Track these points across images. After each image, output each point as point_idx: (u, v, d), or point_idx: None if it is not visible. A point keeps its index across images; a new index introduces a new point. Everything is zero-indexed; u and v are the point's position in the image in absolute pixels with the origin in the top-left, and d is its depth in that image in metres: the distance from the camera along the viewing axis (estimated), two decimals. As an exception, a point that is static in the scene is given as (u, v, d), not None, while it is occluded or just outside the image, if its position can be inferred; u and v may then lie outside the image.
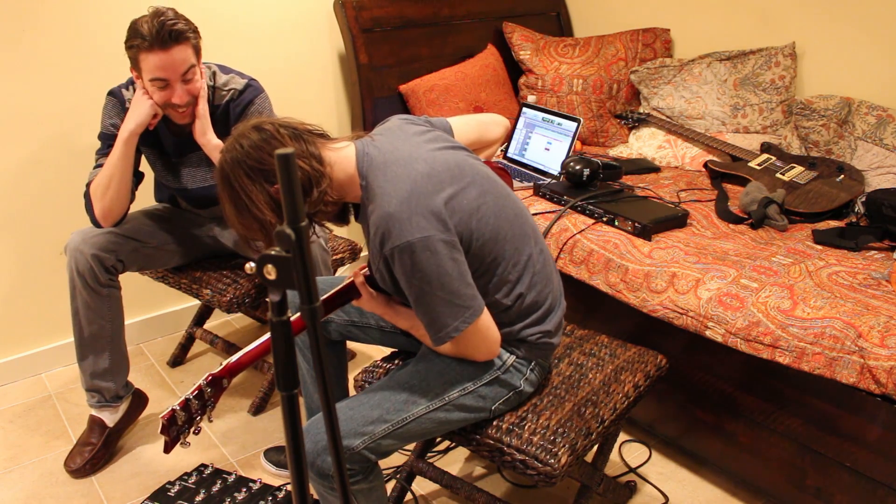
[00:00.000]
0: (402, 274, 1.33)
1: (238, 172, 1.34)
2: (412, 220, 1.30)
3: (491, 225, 1.41)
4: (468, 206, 1.38)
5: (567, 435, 1.46)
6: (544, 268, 1.52)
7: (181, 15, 1.87)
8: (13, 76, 2.28)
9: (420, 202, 1.32)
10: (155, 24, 1.79)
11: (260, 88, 2.06)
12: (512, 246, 1.44)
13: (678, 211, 2.14)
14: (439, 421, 1.46)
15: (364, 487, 1.45)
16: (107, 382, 2.08)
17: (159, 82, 1.85)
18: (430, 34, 2.94)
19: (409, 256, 1.30)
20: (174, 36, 1.81)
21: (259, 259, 0.77)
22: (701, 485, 1.99)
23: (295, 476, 0.86)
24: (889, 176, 2.28)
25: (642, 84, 2.88)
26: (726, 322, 1.76)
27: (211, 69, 2.04)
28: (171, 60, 1.83)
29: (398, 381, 1.48)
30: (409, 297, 1.38)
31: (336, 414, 0.83)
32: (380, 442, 1.42)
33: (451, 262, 1.33)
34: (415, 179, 1.35)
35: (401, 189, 1.33)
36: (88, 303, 2.00)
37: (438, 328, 1.38)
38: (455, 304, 1.35)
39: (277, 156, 0.72)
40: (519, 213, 1.50)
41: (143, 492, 1.99)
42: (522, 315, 1.49)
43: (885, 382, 1.52)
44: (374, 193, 1.36)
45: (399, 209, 1.31)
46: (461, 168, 1.42)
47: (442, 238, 1.32)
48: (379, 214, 1.32)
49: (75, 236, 1.99)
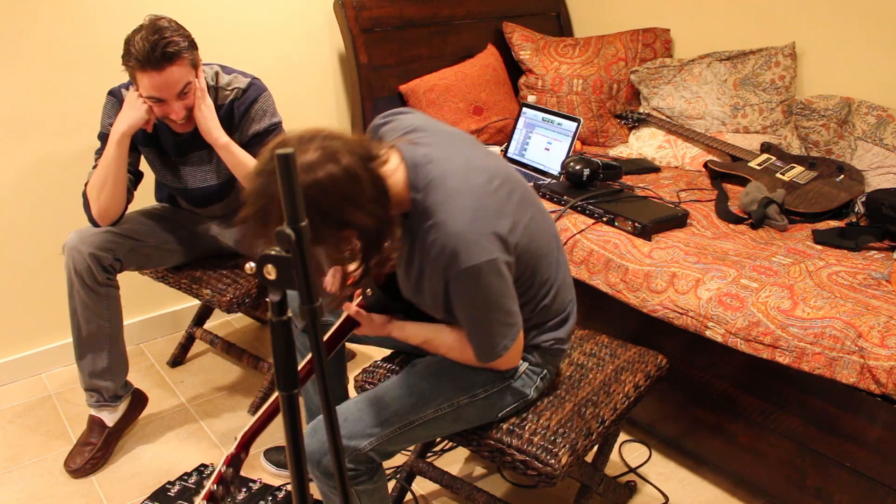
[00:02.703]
0: (464, 295, 1.30)
1: (311, 210, 1.17)
2: (480, 242, 1.26)
3: (537, 241, 1.39)
4: (524, 226, 1.35)
5: (567, 435, 1.46)
6: (566, 277, 1.52)
7: (177, 28, 1.82)
8: (13, 76, 2.28)
9: (487, 223, 1.27)
10: (147, 44, 1.75)
11: (263, 87, 2.05)
12: (546, 260, 1.43)
13: (678, 211, 2.14)
14: (445, 425, 1.46)
15: (368, 488, 1.46)
16: (105, 382, 2.08)
17: (154, 99, 1.85)
18: (430, 34, 2.94)
19: (474, 279, 1.27)
20: (167, 57, 1.77)
21: (259, 259, 0.77)
22: (701, 485, 1.99)
23: (295, 476, 0.85)
24: (889, 176, 2.28)
25: (642, 84, 2.88)
26: (726, 322, 1.76)
27: (213, 69, 2.03)
28: (164, 81, 1.80)
29: (408, 384, 1.47)
30: (462, 316, 1.35)
31: (336, 415, 0.83)
32: (387, 443, 1.42)
33: (509, 283, 1.33)
34: (477, 195, 1.29)
35: (465, 206, 1.27)
36: (86, 302, 1.99)
37: (491, 347, 1.37)
38: (508, 323, 1.35)
39: (277, 156, 0.72)
40: (551, 223, 1.49)
41: (143, 492, 1.99)
42: (541, 322, 1.49)
43: (885, 382, 1.52)
44: (434, 210, 1.27)
45: (468, 229, 1.25)
46: (510, 181, 1.37)
47: (506, 260, 1.30)
48: (445, 233, 1.25)
49: (73, 235, 1.99)
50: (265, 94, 2.05)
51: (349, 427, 1.41)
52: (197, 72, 1.89)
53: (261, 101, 2.03)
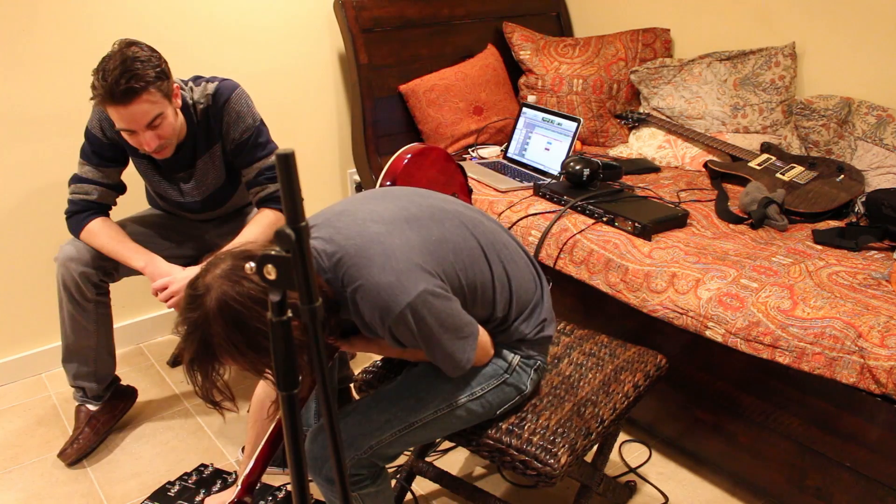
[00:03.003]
0: (409, 334, 1.30)
1: (256, 310, 1.18)
2: (401, 283, 1.25)
3: (461, 251, 1.38)
4: (433, 240, 1.34)
5: (567, 435, 1.46)
6: (521, 265, 1.51)
7: (147, 58, 1.73)
8: (12, 76, 2.28)
9: (399, 262, 1.27)
10: (110, 79, 1.68)
11: (231, 87, 1.97)
12: (479, 266, 1.41)
13: (678, 211, 2.14)
14: (445, 425, 1.47)
15: (372, 491, 1.46)
16: (90, 384, 2.12)
17: (126, 131, 1.80)
18: (430, 34, 2.94)
19: (412, 317, 1.27)
20: (133, 91, 1.70)
21: (259, 259, 0.77)
22: (701, 485, 1.99)
23: (295, 476, 0.85)
24: (889, 176, 2.28)
25: (642, 84, 2.88)
26: (726, 322, 1.76)
27: (188, 85, 1.97)
28: (130, 115, 1.74)
29: (406, 386, 1.48)
30: (420, 347, 1.35)
31: (336, 418, 0.83)
32: (387, 447, 1.43)
33: (447, 303, 1.32)
34: (378, 242, 1.29)
35: (372, 258, 1.27)
36: (73, 315, 2.02)
37: (455, 364, 1.38)
38: (461, 337, 1.36)
39: (277, 156, 0.72)
40: (478, 223, 1.46)
41: (143, 492, 1.99)
42: (515, 317, 1.49)
43: (885, 382, 1.52)
44: (348, 279, 1.28)
45: (384, 277, 1.25)
46: (405, 207, 1.38)
47: (435, 284, 1.29)
48: (367, 292, 1.26)
49: (66, 248, 1.99)
50: (237, 93, 1.97)
51: (349, 432, 1.41)
52: (172, 99, 1.83)
53: (232, 102, 1.96)
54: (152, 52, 1.77)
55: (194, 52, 2.58)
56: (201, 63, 2.60)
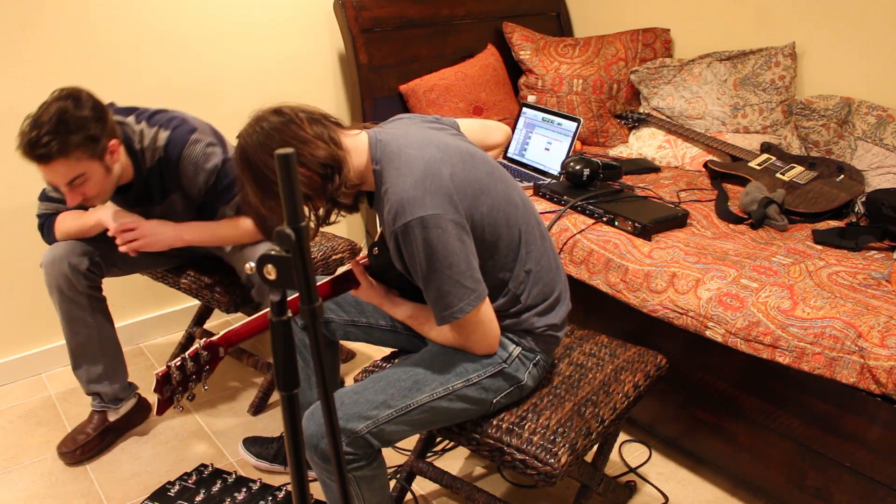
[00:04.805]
0: (412, 250, 1.35)
1: (260, 153, 1.35)
2: (424, 199, 1.33)
3: (500, 209, 1.44)
4: (477, 189, 1.41)
5: (567, 435, 1.46)
6: (550, 258, 1.55)
7: (82, 118, 1.67)
8: (12, 77, 2.28)
9: (433, 182, 1.35)
10: (33, 135, 1.63)
11: (183, 139, 1.88)
12: (517, 230, 1.47)
13: (678, 211, 2.14)
14: (441, 410, 1.47)
15: (367, 474, 1.45)
16: (104, 386, 2.10)
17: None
18: (430, 34, 2.94)
19: (419, 232, 1.32)
20: (46, 157, 1.65)
21: (259, 259, 0.77)
22: (701, 485, 1.99)
23: (295, 476, 0.86)
24: (889, 176, 2.28)
25: (642, 84, 2.88)
26: (726, 322, 1.76)
27: (138, 125, 1.89)
28: (49, 172, 1.71)
29: (405, 369, 1.49)
30: (416, 274, 1.38)
31: (334, 405, 0.83)
32: (383, 427, 1.42)
33: (460, 242, 1.36)
34: (427, 161, 1.37)
35: (414, 170, 1.36)
36: (70, 314, 2.00)
37: (444, 306, 1.39)
38: (462, 284, 1.37)
39: (277, 156, 0.72)
40: (526, 201, 1.53)
41: (143, 492, 1.99)
42: (530, 305, 1.50)
43: (885, 382, 1.53)
44: (387, 177, 1.38)
45: (413, 189, 1.33)
46: (472, 154, 1.46)
47: (452, 218, 1.35)
48: (393, 194, 1.35)
49: (47, 254, 1.98)
50: (188, 147, 1.89)
51: (346, 410, 1.42)
52: (105, 157, 1.76)
53: (185, 158, 1.89)
54: (93, 109, 1.71)
55: (195, 52, 2.58)
56: (202, 63, 2.60)
